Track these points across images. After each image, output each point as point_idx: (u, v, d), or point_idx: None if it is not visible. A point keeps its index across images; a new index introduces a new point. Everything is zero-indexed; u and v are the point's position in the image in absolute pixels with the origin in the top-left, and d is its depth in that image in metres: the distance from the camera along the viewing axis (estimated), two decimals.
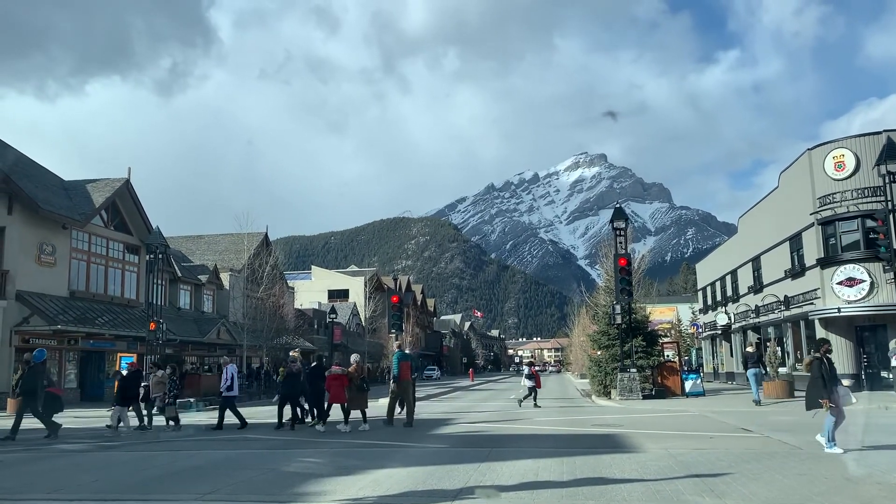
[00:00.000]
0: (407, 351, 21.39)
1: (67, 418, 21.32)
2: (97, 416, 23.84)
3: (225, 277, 46.28)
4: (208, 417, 21.51)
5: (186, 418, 21.14)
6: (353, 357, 18.43)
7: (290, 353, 19.90)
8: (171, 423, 18.66)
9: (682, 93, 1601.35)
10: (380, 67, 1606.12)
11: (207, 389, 31.62)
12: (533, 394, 25.43)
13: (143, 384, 20.11)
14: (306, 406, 19.14)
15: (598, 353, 31.48)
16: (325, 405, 17.81)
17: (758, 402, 22.33)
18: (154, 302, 28.13)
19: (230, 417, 18.17)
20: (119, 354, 29.89)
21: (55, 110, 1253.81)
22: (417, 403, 29.39)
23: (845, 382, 22.76)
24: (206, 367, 40.51)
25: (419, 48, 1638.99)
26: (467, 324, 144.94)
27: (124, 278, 35.92)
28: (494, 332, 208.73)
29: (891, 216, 24.98)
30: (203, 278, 44.11)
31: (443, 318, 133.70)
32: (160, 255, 28.90)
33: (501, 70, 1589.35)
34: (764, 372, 25.17)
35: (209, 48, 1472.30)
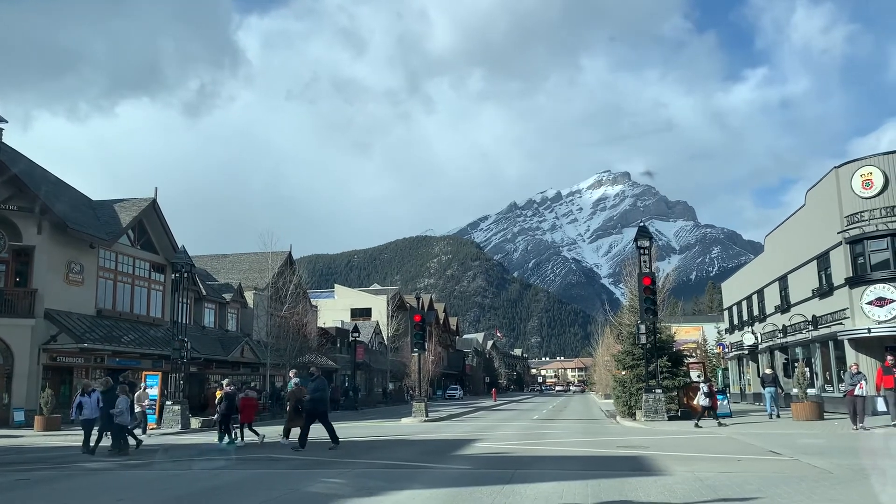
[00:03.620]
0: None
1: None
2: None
3: (249, 296, 46.61)
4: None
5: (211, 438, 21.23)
6: (294, 381, 19.90)
7: (225, 379, 22.91)
8: None
9: (709, 110, 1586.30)
10: (405, 88, 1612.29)
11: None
12: (704, 413, 23.38)
13: None
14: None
15: (623, 373, 31.16)
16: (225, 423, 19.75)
17: (770, 416, 25.92)
18: (179, 320, 28.36)
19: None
20: (144, 372, 30.11)
21: (86, 131, 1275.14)
22: (440, 423, 29.43)
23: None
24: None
25: (444, 69, 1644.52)
26: (490, 343, 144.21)
27: (150, 297, 36.30)
28: (517, 352, 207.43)
29: None
30: (227, 297, 44.46)
31: (465, 336, 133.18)
32: (185, 274, 29.15)
33: (526, 89, 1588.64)
34: (781, 391, 28.44)
35: (237, 69, 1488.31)
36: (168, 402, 27.30)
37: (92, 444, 17.29)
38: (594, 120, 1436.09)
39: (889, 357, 20.39)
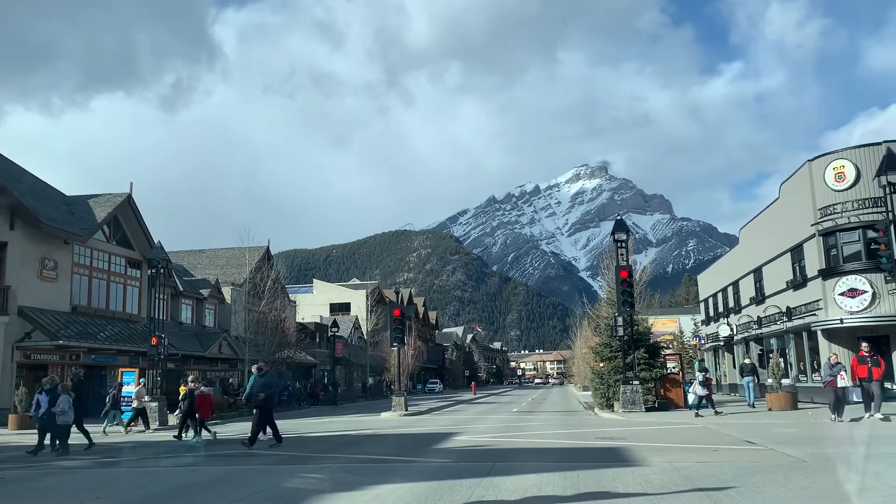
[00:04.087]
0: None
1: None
2: (98, 432, 23.80)
3: (227, 292, 46.29)
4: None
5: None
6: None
7: (190, 376, 23.49)
8: None
9: (685, 104, 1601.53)
10: (383, 82, 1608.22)
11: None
12: (701, 402, 23.97)
13: None
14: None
15: (601, 365, 31.40)
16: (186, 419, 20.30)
17: (752, 405, 26.35)
18: (156, 316, 28.09)
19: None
20: (121, 369, 29.82)
21: (60, 126, 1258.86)
22: (420, 416, 29.54)
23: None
24: (208, 383, 40.48)
25: (422, 62, 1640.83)
26: (469, 336, 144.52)
27: (126, 293, 35.92)
28: (496, 345, 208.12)
29: (892, 227, 24.95)
30: (205, 293, 44.10)
31: (445, 330, 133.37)
32: (162, 270, 28.89)
33: (505, 83, 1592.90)
34: (758, 381, 28.68)
35: (213, 63, 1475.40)
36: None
37: (58, 442, 17.09)
38: (572, 114, 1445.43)
39: (863, 345, 20.18)
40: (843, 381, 19.33)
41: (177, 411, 21.51)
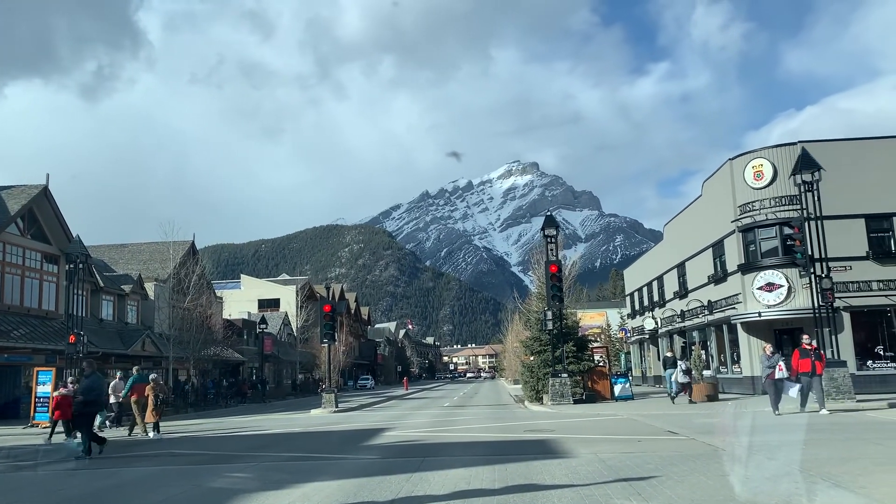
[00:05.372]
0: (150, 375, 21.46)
1: None
2: (13, 434, 22.75)
3: (150, 287, 44.85)
4: (111, 435, 20.77)
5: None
6: (152, 377, 20.52)
7: (70, 378, 21.69)
8: None
9: (614, 103, 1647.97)
10: (315, 73, 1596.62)
11: None
12: (684, 390, 24.38)
13: None
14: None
15: (531, 358, 31.78)
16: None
17: (674, 395, 25.89)
18: (74, 313, 26.99)
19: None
20: (36, 369, 28.53)
21: None
22: (351, 413, 29.32)
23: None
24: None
25: (355, 55, 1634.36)
26: (402, 332, 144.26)
27: (42, 289, 34.38)
28: (429, 340, 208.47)
29: (806, 224, 26.02)
30: (127, 288, 42.62)
31: (377, 326, 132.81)
32: (81, 265, 27.78)
33: (438, 79, 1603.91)
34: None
35: (137, 51, 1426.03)
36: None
37: None
38: (505, 111, 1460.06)
39: (805, 337, 19.74)
40: (782, 372, 18.60)
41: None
